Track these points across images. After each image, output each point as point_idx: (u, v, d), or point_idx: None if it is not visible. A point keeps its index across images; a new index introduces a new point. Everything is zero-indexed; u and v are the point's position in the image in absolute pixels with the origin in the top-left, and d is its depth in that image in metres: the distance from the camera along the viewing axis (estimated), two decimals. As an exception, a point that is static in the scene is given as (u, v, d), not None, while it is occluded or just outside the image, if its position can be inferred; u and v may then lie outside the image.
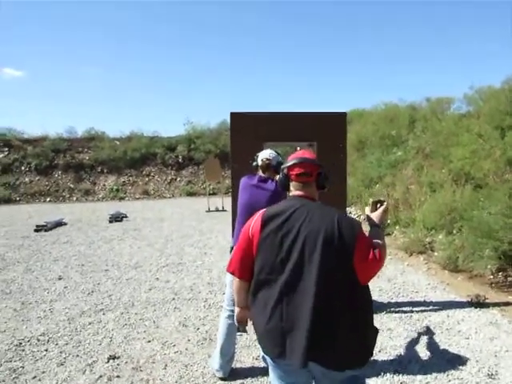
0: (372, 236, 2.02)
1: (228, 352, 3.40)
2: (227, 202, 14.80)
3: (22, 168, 20.39)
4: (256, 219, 2.06)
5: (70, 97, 54.15)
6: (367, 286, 1.96)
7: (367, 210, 2.22)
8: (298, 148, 4.15)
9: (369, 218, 2.17)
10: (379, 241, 1.99)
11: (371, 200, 2.23)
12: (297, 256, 1.89)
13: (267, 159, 3.40)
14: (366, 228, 1.93)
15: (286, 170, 2.12)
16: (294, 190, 2.10)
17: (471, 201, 7.50)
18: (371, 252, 1.88)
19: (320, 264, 1.83)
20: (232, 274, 2.16)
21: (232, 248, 3.38)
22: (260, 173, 3.43)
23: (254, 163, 3.51)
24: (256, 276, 2.03)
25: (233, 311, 3.35)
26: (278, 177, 2.20)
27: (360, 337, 1.90)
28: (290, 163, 2.10)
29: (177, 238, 9.52)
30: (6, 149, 21.01)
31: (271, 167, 3.41)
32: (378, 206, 2.19)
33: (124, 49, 60.12)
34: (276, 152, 3.49)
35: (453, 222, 7.58)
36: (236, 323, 2.33)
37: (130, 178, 20.83)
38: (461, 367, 3.55)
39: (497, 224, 6.00)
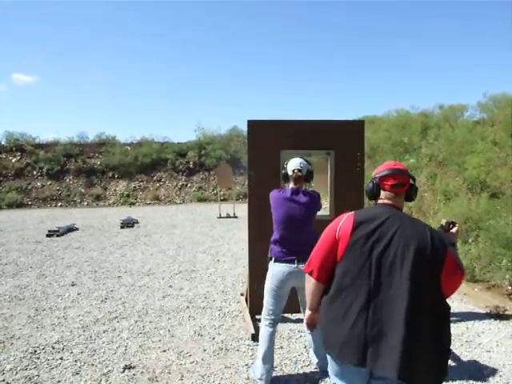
0: None
1: (269, 360, 3.38)
2: (239, 208, 14.83)
3: (34, 172, 20.54)
4: (344, 221, 2.05)
5: (81, 101, 54.54)
6: (447, 302, 1.97)
7: (440, 228, 2.25)
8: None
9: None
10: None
11: (444, 220, 2.28)
12: (388, 263, 1.91)
13: (299, 170, 3.40)
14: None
15: (377, 180, 2.13)
16: (385, 199, 2.11)
17: (487, 210, 7.41)
18: (458, 267, 1.93)
19: (412, 273, 1.85)
20: (310, 274, 2.15)
21: (271, 258, 3.44)
22: (291, 184, 3.44)
23: (283, 172, 3.51)
24: (339, 279, 2.01)
25: (272, 319, 3.42)
26: (369, 185, 2.19)
27: (444, 355, 1.91)
28: (383, 173, 2.11)
29: (189, 245, 9.48)
30: (19, 153, 21.19)
31: (302, 177, 3.43)
32: (451, 226, 2.24)
33: (134, 53, 60.52)
34: (306, 160, 3.48)
35: (468, 230, 7.48)
36: (306, 327, 2.38)
37: (141, 184, 20.89)
38: (484, 382, 3.47)
39: (515, 234, 5.91)
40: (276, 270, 3.36)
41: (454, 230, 2.22)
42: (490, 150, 9.03)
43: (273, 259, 3.41)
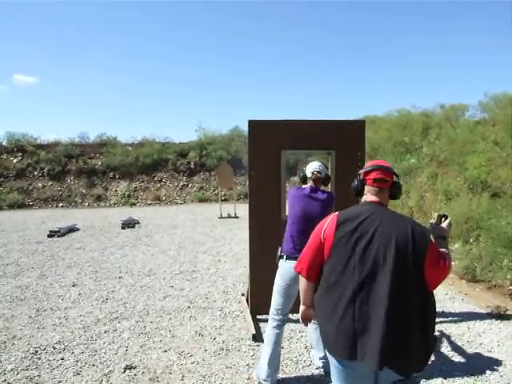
0: (439, 246, 2.10)
1: (275, 361, 3.40)
2: (240, 208, 14.83)
3: (35, 173, 20.53)
4: (329, 222, 2.13)
5: (82, 102, 54.55)
6: (433, 294, 2.02)
7: (431, 222, 2.31)
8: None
9: (434, 230, 2.25)
10: (446, 250, 2.09)
11: (436, 214, 2.34)
12: (370, 259, 1.96)
13: (318, 172, 3.53)
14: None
15: (361, 176, 2.20)
16: (369, 195, 2.17)
17: (488, 210, 7.40)
18: (440, 259, 1.97)
19: (394, 268, 1.91)
20: (299, 273, 2.24)
21: (281, 256, 3.48)
22: (309, 184, 3.54)
23: (301, 174, 3.63)
24: (327, 277, 2.08)
25: (280, 320, 3.45)
26: (354, 181, 2.26)
27: (427, 342, 1.97)
28: (367, 169, 2.18)
29: (189, 245, 9.49)
30: (20, 154, 21.19)
31: (321, 179, 3.55)
32: (443, 219, 2.29)
33: (134, 53, 60.56)
34: (324, 164, 3.62)
35: (469, 230, 7.47)
36: (301, 321, 2.46)
37: (142, 184, 20.88)
38: (485, 382, 3.47)
39: (516, 234, 5.90)
40: (287, 268, 3.38)
41: (445, 223, 2.26)
42: (491, 150, 9.01)
43: (284, 257, 3.44)
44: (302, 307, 2.43)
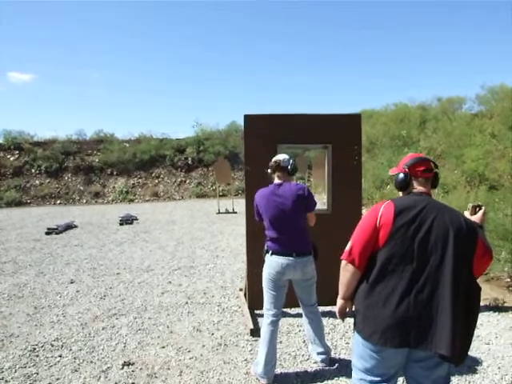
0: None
1: (272, 358, 3.38)
2: (237, 203, 14.82)
3: (33, 171, 20.48)
4: (385, 210, 2.12)
5: (79, 99, 54.34)
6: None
7: (466, 213, 2.33)
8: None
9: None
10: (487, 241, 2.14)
11: (471, 204, 2.38)
12: (429, 249, 2.01)
13: (275, 161, 3.47)
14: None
15: (407, 169, 2.23)
16: (418, 186, 2.22)
17: (486, 202, 7.39)
18: (487, 252, 2.06)
19: (454, 257, 1.97)
20: (351, 262, 2.18)
21: (268, 251, 3.47)
22: (275, 179, 3.49)
23: (269, 170, 3.56)
24: (382, 265, 2.08)
25: (274, 315, 3.42)
26: (400, 175, 2.25)
27: (473, 333, 2.05)
28: (412, 161, 2.23)
29: (188, 241, 9.48)
30: (17, 152, 21.12)
31: (284, 169, 3.46)
32: (477, 209, 2.33)
33: (131, 51, 60.32)
34: (289, 156, 3.53)
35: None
36: (338, 315, 2.39)
37: (140, 180, 20.84)
38: (483, 374, 3.47)
39: (514, 226, 5.90)
40: (273, 263, 3.38)
41: (480, 212, 2.30)
42: (488, 143, 9.01)
43: (270, 252, 3.43)
44: (340, 301, 2.34)
